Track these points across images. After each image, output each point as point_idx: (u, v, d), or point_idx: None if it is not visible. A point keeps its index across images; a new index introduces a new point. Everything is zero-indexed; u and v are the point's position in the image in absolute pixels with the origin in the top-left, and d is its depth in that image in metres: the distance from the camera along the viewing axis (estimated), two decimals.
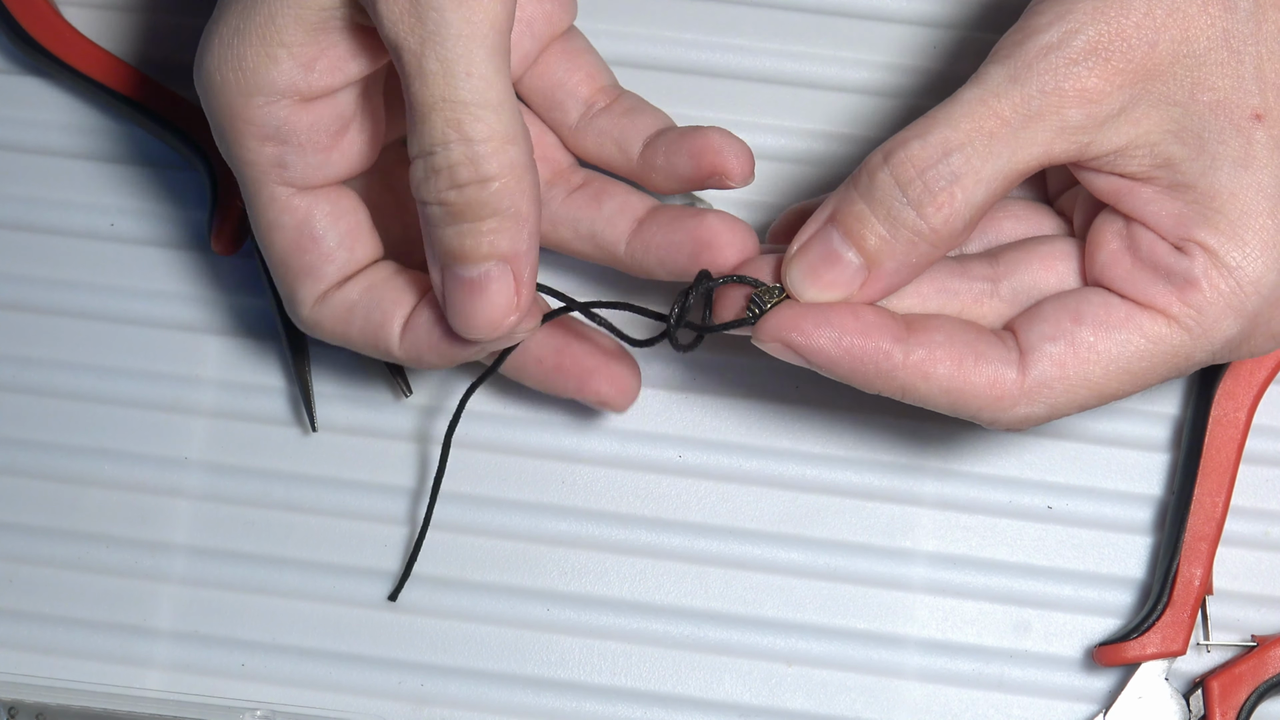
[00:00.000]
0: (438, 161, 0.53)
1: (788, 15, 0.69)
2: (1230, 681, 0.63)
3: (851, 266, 0.55)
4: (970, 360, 0.55)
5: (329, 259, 0.58)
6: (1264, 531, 0.66)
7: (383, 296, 0.58)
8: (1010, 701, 0.65)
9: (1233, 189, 0.53)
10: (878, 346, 0.54)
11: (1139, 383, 0.55)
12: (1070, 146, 0.53)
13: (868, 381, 0.55)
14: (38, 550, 0.67)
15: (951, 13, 0.70)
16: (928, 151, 0.53)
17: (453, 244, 0.55)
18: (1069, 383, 0.55)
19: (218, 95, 0.56)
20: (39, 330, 0.68)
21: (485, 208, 0.54)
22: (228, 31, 0.55)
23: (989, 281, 0.57)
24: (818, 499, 0.67)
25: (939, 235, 0.54)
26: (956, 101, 0.54)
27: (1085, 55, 0.53)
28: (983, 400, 0.55)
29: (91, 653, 0.66)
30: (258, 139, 0.56)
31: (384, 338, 0.58)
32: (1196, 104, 0.53)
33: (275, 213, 0.58)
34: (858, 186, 0.54)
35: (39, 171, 0.69)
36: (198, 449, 0.67)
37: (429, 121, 0.53)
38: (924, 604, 0.66)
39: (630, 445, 0.67)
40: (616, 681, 0.66)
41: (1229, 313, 0.54)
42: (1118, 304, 0.55)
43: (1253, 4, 0.53)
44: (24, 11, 0.68)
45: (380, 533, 0.67)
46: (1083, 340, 0.54)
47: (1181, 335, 0.54)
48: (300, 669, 0.66)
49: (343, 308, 0.59)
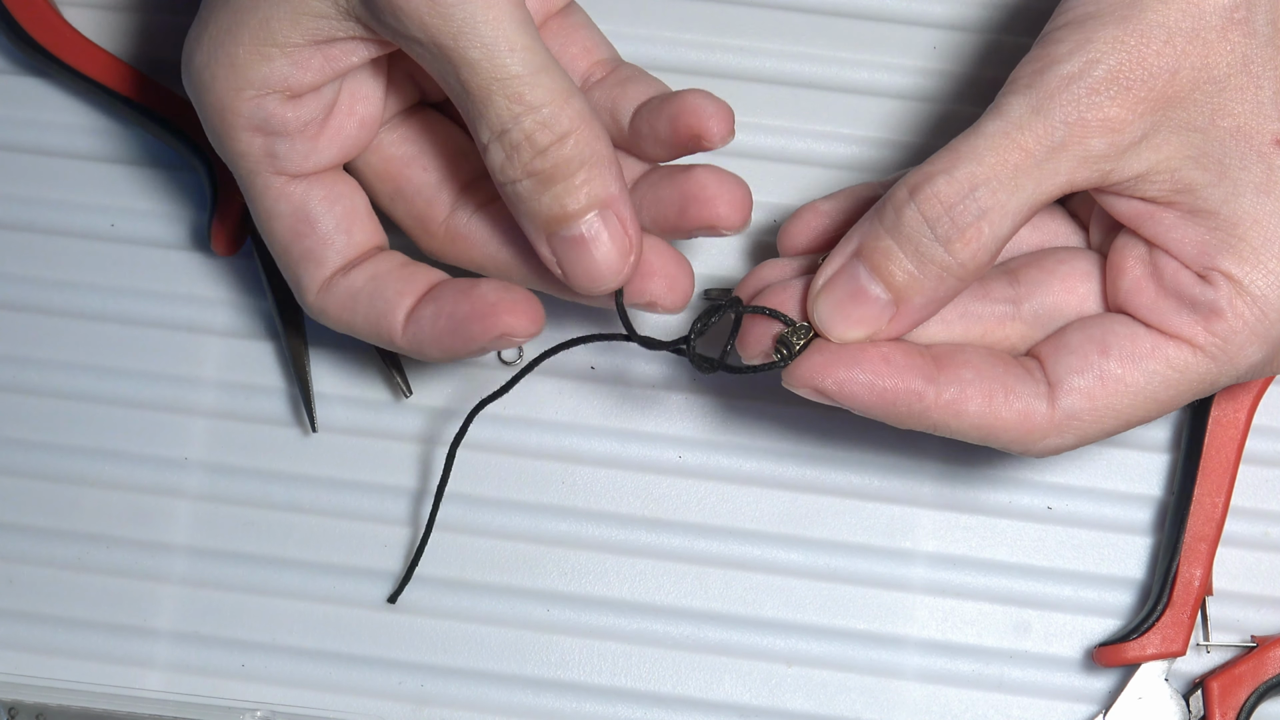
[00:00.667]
0: (514, 137, 0.54)
1: (788, 15, 0.69)
2: (1230, 682, 0.63)
3: (880, 303, 0.55)
4: (1001, 396, 0.55)
5: (327, 244, 0.59)
6: (1264, 532, 0.66)
7: (387, 286, 0.59)
8: (1010, 702, 0.65)
9: (1255, 216, 0.53)
10: (910, 388, 0.55)
11: (1164, 409, 0.56)
12: (1093, 174, 0.54)
13: (900, 421, 0.56)
14: (38, 550, 0.67)
15: (953, 13, 0.70)
16: (954, 188, 0.53)
17: (553, 209, 0.55)
18: (1098, 414, 0.55)
19: (207, 91, 0.57)
20: (39, 330, 0.68)
21: (572, 162, 0.55)
22: (218, 31, 0.56)
23: (1010, 304, 0.57)
24: (818, 499, 0.67)
25: (966, 270, 0.54)
26: (979, 134, 0.53)
27: (1106, 84, 0.52)
28: (1014, 434, 0.55)
29: (91, 653, 0.66)
30: (247, 130, 0.57)
31: (387, 327, 0.59)
32: (1217, 130, 0.53)
33: (271, 201, 0.58)
34: (883, 222, 0.54)
35: (39, 171, 0.69)
36: (198, 449, 0.67)
37: (491, 105, 0.54)
38: (924, 604, 0.66)
39: (630, 445, 0.67)
40: (616, 682, 0.66)
41: (1254, 340, 0.54)
42: (1143, 334, 0.55)
43: (1272, 29, 0.53)
44: (24, 11, 0.68)
45: (380, 533, 0.67)
46: (1111, 373, 0.55)
47: (1207, 364, 0.55)
48: (300, 669, 0.66)
49: (347, 294, 0.59)
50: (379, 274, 0.59)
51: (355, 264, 0.59)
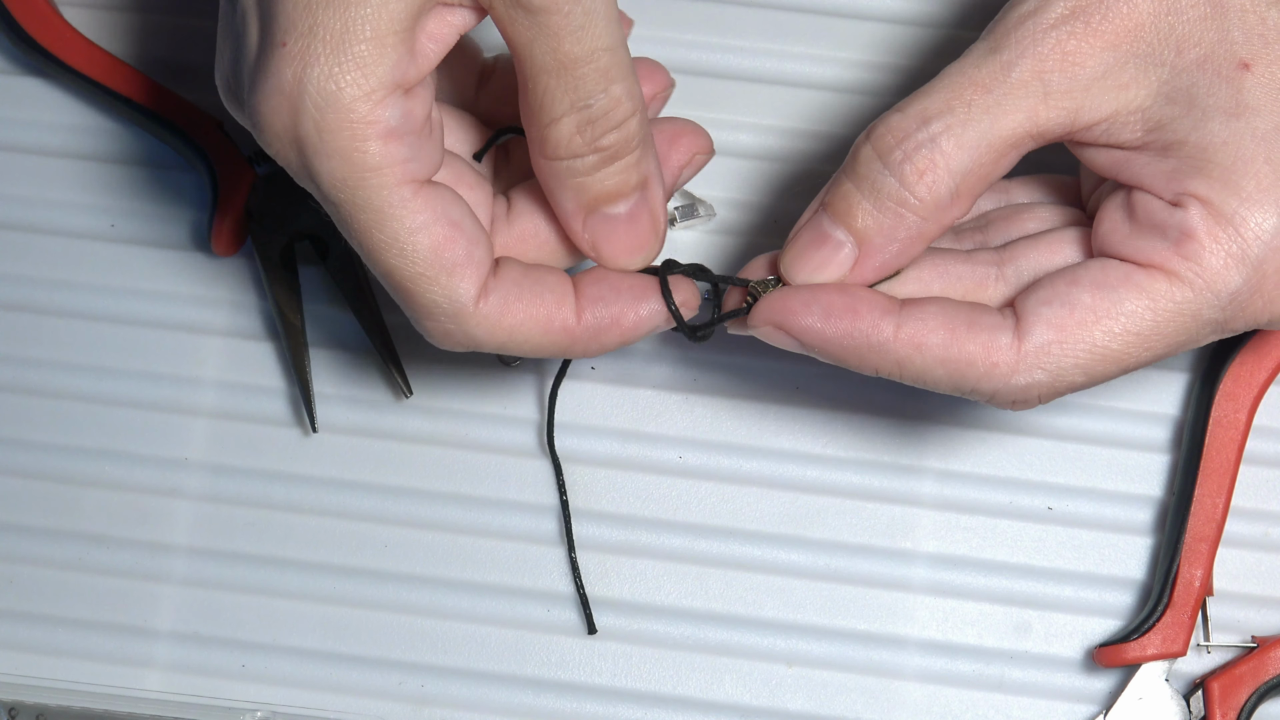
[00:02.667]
0: (595, 111, 0.53)
1: (788, 16, 0.69)
2: (1230, 682, 0.63)
3: (842, 247, 0.55)
4: (964, 329, 0.54)
5: (477, 243, 0.54)
6: (1264, 532, 0.66)
7: (543, 275, 0.56)
8: (1010, 702, 0.65)
9: (1225, 138, 0.52)
10: (869, 321, 0.54)
11: (1148, 345, 0.53)
12: (1057, 114, 0.53)
13: (861, 359, 0.54)
14: (38, 550, 0.67)
15: (957, 15, 0.69)
16: (906, 121, 0.53)
17: (608, 186, 0.55)
18: (1068, 345, 0.53)
19: (330, 107, 0.52)
20: (39, 330, 0.68)
21: (633, 141, 0.55)
22: (329, 36, 0.51)
23: (994, 266, 0.56)
24: (818, 499, 0.66)
25: (924, 204, 0.53)
26: (939, 77, 0.54)
27: (1064, 20, 0.52)
28: (980, 369, 0.53)
29: (91, 653, 0.66)
30: (380, 139, 0.52)
31: (560, 317, 0.56)
32: (1183, 62, 0.53)
33: (412, 214, 0.53)
34: (845, 168, 0.55)
35: (39, 171, 0.69)
36: (198, 449, 0.67)
37: (581, 75, 0.53)
38: (924, 605, 0.66)
39: (630, 445, 0.67)
40: (616, 682, 0.66)
41: (1231, 262, 0.52)
42: (1115, 265, 0.54)
43: None
44: (24, 11, 0.68)
45: (380, 533, 0.67)
46: (1079, 301, 0.53)
47: (1184, 290, 0.53)
48: (300, 669, 0.66)
49: (509, 297, 0.55)
50: (524, 267, 0.56)
51: (498, 265, 0.56)
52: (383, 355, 0.67)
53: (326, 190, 0.53)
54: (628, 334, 0.56)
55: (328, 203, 0.54)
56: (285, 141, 0.53)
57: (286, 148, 0.53)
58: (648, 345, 0.67)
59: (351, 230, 0.54)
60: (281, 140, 0.53)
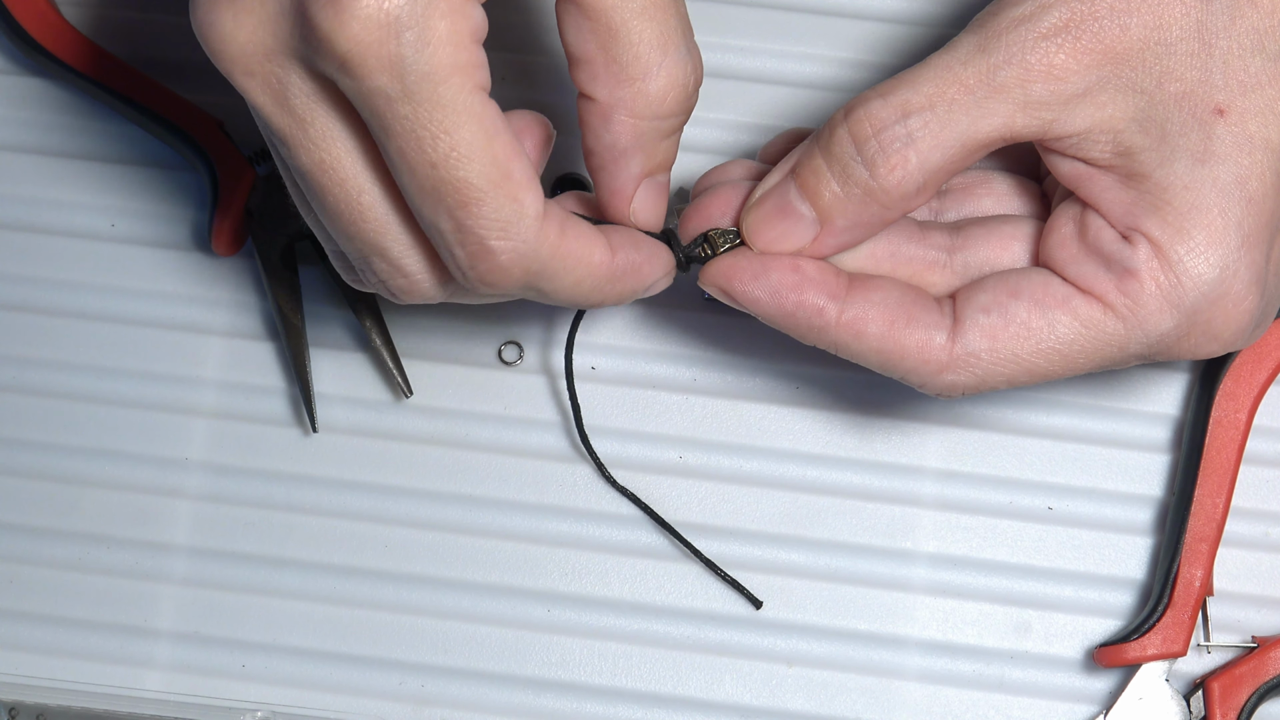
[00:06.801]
0: (685, 73, 0.55)
1: (787, 16, 0.69)
2: (1231, 682, 0.63)
3: (805, 221, 0.55)
4: (902, 323, 0.55)
5: (530, 161, 0.53)
6: (1264, 532, 0.66)
7: (579, 208, 0.57)
8: (1011, 702, 0.65)
9: (1186, 182, 0.53)
10: (812, 303, 0.55)
11: (1069, 365, 0.55)
12: (1033, 123, 0.53)
13: (801, 335, 0.56)
14: (38, 550, 0.67)
15: (951, 14, 0.70)
16: (886, 112, 0.54)
17: (673, 152, 0.56)
18: (997, 355, 0.55)
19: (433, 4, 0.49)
20: (39, 330, 0.68)
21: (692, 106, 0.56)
22: None
23: (944, 252, 0.57)
24: (818, 499, 0.67)
25: (890, 196, 0.54)
26: (923, 65, 0.54)
27: (1055, 31, 0.52)
28: (912, 363, 0.55)
29: (91, 653, 0.66)
30: (470, 41, 0.50)
31: (602, 250, 0.54)
32: (1163, 93, 0.53)
33: (491, 118, 0.50)
34: (819, 141, 0.55)
35: (39, 171, 0.69)
36: (198, 449, 0.67)
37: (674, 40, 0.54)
38: (925, 605, 0.66)
39: (630, 445, 0.67)
40: (616, 682, 0.66)
41: (1166, 306, 0.54)
42: (1057, 285, 0.55)
43: None
44: (24, 11, 0.68)
45: (380, 533, 0.67)
46: (1016, 315, 0.55)
47: (1115, 323, 0.54)
48: (300, 669, 0.66)
49: (565, 222, 0.53)
50: (561, 200, 0.58)
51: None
52: (383, 355, 0.67)
53: (410, 84, 0.49)
54: (645, 279, 0.56)
55: (393, 105, 0.50)
56: (377, 23, 0.49)
57: (376, 29, 0.49)
58: (648, 345, 0.67)
59: (419, 139, 0.50)
60: (374, 19, 0.49)
